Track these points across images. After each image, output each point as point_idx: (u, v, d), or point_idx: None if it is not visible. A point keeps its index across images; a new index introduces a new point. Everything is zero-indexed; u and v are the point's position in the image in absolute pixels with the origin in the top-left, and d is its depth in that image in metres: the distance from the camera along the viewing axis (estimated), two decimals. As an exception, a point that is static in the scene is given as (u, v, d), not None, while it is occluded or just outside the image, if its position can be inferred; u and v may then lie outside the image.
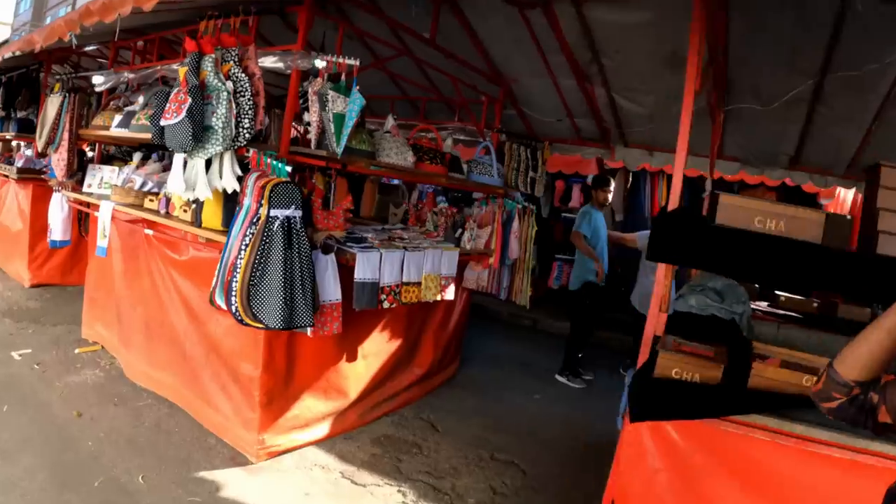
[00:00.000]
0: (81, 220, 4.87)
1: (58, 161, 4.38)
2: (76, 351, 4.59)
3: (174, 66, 3.62)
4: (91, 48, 6.04)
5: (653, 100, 4.85)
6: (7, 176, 6.18)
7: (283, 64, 3.07)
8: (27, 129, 6.00)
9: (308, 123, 3.26)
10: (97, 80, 4.48)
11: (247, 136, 2.88)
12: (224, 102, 2.75)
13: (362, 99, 3.08)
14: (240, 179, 2.92)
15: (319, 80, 3.12)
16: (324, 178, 5.86)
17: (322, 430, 3.65)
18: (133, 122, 3.78)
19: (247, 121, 2.87)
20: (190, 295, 3.60)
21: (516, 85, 5.32)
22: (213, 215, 3.13)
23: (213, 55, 2.85)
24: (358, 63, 3.14)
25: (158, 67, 4.02)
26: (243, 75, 2.90)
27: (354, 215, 5.24)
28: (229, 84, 2.81)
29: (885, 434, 1.04)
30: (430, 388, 4.72)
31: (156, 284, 3.86)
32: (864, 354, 1.01)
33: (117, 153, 5.31)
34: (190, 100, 2.66)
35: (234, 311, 2.75)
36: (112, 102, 4.43)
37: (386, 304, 3.45)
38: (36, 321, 5.19)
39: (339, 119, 3.09)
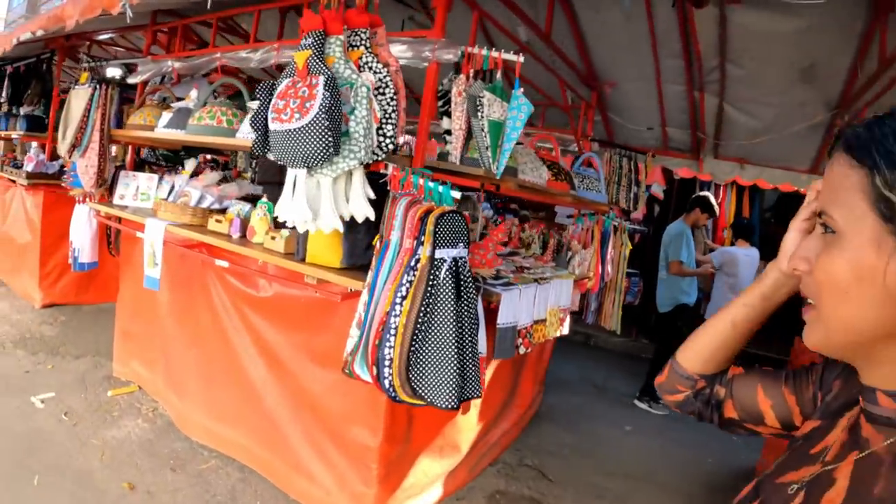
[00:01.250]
0: (111, 237, 4.03)
1: (86, 168, 3.54)
2: (109, 394, 3.77)
3: (272, 53, 2.82)
4: (105, 37, 5.17)
5: (772, 113, 4.29)
6: (13, 181, 5.28)
7: (416, 54, 2.31)
8: (37, 128, 5.10)
9: (447, 132, 2.51)
10: (138, 68, 3.65)
11: (389, 146, 2.12)
12: (364, 101, 1.98)
13: (530, 105, 2.35)
14: (372, 204, 2.16)
15: (462, 76, 2.37)
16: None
17: (435, 493, 2.93)
18: (192, 122, 2.98)
19: (390, 126, 2.10)
20: (274, 340, 2.82)
21: (613, 89, 4.61)
22: (326, 248, 2.34)
23: (342, 37, 2.07)
24: (521, 59, 2.39)
25: (218, 55, 3.21)
26: (380, 66, 2.13)
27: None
28: (367, 76, 2.04)
29: (731, 429, 0.96)
30: (523, 425, 4.05)
31: (221, 323, 3.07)
32: (707, 346, 0.94)
33: (149, 157, 4.48)
34: (321, 95, 1.88)
35: (386, 386, 1.99)
36: (148, 98, 3.61)
37: (522, 350, 2.72)
38: (54, 352, 4.34)
39: (496, 128, 2.35)
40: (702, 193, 5.51)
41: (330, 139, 1.87)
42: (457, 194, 2.12)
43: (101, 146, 3.50)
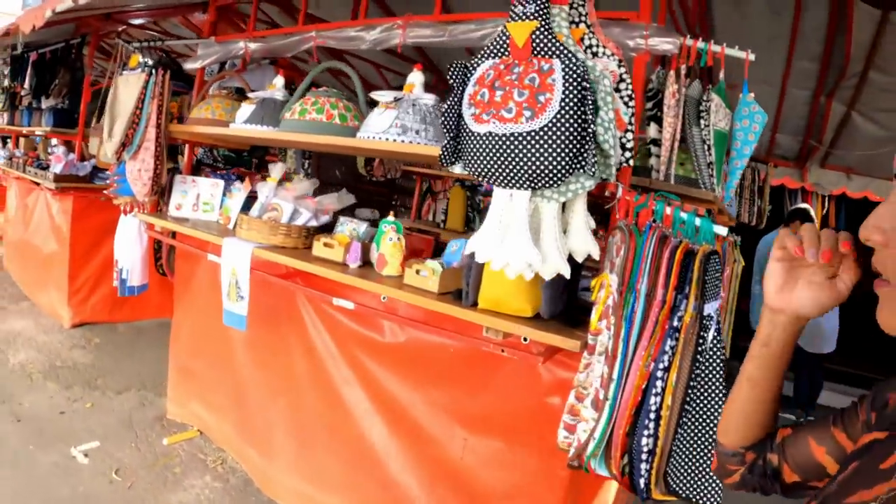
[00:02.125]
0: (161, 254, 3.35)
1: (138, 172, 2.87)
2: (165, 442, 3.10)
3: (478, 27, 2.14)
4: (139, 21, 4.47)
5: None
6: (37, 183, 4.59)
7: (622, 42, 1.66)
8: (65, 123, 4.40)
9: (652, 142, 1.86)
10: (199, 52, 2.98)
11: (628, 158, 1.48)
12: (607, 98, 1.33)
13: (764, 114, 1.76)
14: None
15: (672, 73, 1.74)
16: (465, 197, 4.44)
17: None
18: (288, 116, 2.31)
19: (630, 135, 1.47)
20: (403, 396, 2.17)
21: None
22: (513, 292, 1.65)
23: (566, 7, 1.42)
24: (753, 57, 1.76)
25: (312, 33, 2.54)
26: (608, 52, 1.49)
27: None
28: (605, 64, 1.40)
29: (797, 494, 0.84)
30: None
31: (323, 370, 2.42)
32: (737, 414, 0.86)
33: (205, 158, 3.81)
34: (562, 87, 1.24)
35: (641, 484, 1.36)
36: (215, 87, 2.95)
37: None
38: (92, 385, 3.67)
39: (722, 141, 1.74)
40: (802, 205, 4.92)
41: (578, 149, 1.22)
42: (722, 230, 1.48)
43: (158, 145, 2.82)
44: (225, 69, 3.27)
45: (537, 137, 1.28)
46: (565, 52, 1.32)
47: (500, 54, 1.42)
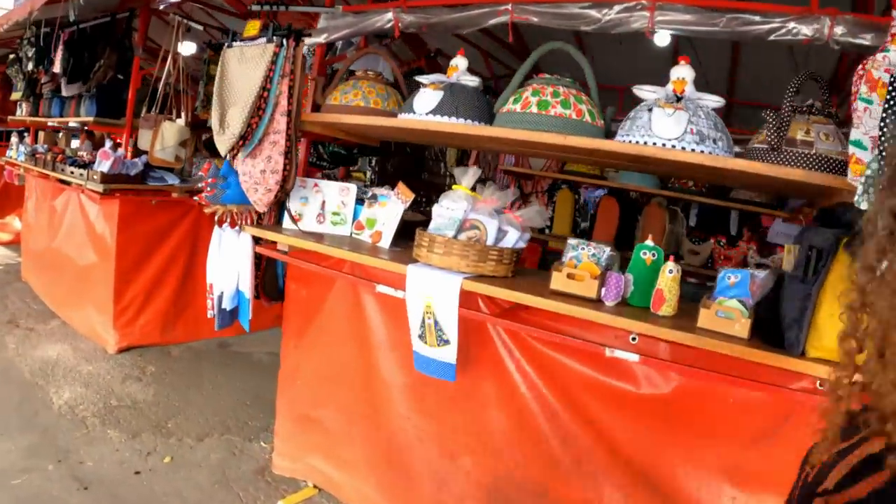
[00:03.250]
0: (264, 277, 2.64)
1: (261, 174, 2.17)
2: (280, 506, 2.45)
3: None
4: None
5: None
6: (66, 183, 3.82)
7: None
8: (111, 112, 3.63)
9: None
10: (321, 24, 2.29)
11: None
12: None
13: None
14: None
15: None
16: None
17: None
18: (513, 108, 1.67)
19: None
20: (656, 458, 1.59)
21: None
22: None
23: None
24: None
25: (508, 6, 1.89)
26: None
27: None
28: None
29: None
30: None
31: (531, 425, 1.80)
32: None
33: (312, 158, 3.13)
34: None
35: None
36: (362, 70, 2.27)
37: None
38: (162, 430, 2.97)
39: None
40: None
41: None
42: None
43: (288, 139, 2.14)
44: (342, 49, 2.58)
45: None
46: None
47: None
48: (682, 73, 1.62)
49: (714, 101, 1.61)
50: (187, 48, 3.87)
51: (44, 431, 2.83)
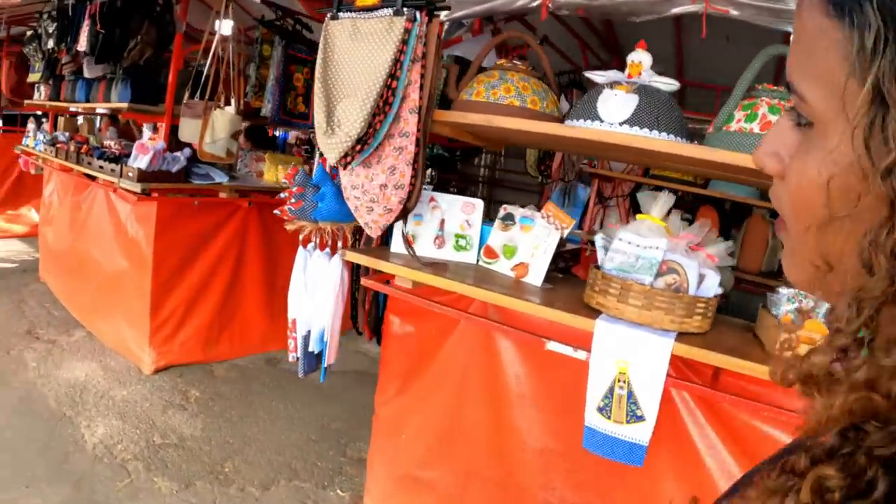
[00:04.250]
0: (363, 308, 2.10)
1: (380, 188, 1.62)
2: None
3: None
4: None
5: None
6: (91, 177, 3.26)
7: None
8: (148, 97, 3.06)
9: None
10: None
11: None
12: None
13: None
14: None
15: None
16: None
17: None
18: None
19: None
20: None
21: None
22: None
23: None
24: None
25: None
26: None
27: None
28: None
29: None
30: None
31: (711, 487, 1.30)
32: None
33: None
34: None
35: None
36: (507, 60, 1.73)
37: None
38: (218, 476, 2.46)
39: None
40: None
41: None
42: None
43: (417, 144, 1.60)
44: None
45: None
46: None
47: None
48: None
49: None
50: (225, 27, 3.30)
51: (78, 482, 2.32)
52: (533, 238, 1.69)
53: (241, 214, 3.25)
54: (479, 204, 1.84)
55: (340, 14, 1.68)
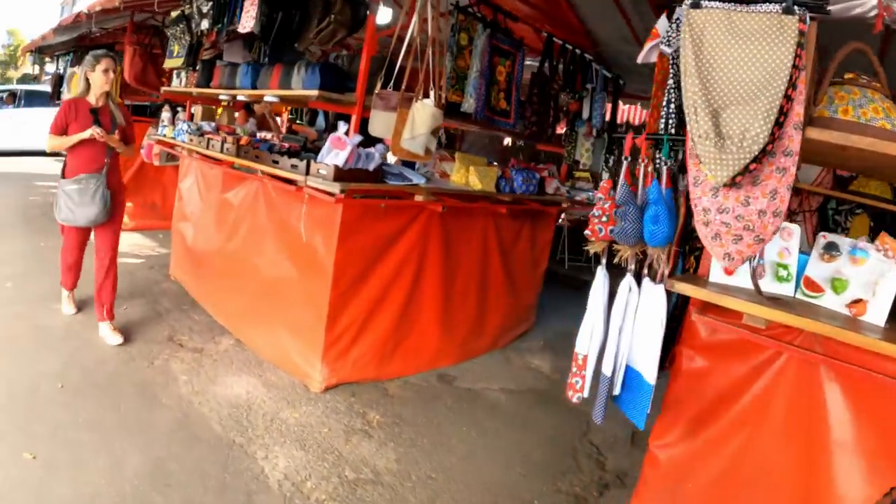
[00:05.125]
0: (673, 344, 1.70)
1: (757, 218, 1.22)
2: None
3: None
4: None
5: None
6: (247, 171, 2.91)
7: None
8: (336, 85, 2.66)
9: None
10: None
11: None
12: None
13: None
14: None
15: None
16: None
17: None
18: None
19: None
20: None
21: None
22: None
23: None
24: None
25: None
26: None
27: None
28: None
29: None
30: None
31: None
32: None
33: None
34: None
35: None
36: None
37: None
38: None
39: None
40: None
41: None
42: None
43: (796, 163, 1.20)
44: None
45: None
46: None
47: None
48: None
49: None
50: (382, 15, 2.90)
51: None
52: (867, 272, 1.31)
53: (425, 219, 2.87)
54: (796, 230, 1.46)
55: (710, 3, 1.28)
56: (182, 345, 3.21)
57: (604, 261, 1.77)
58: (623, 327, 1.61)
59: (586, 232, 1.71)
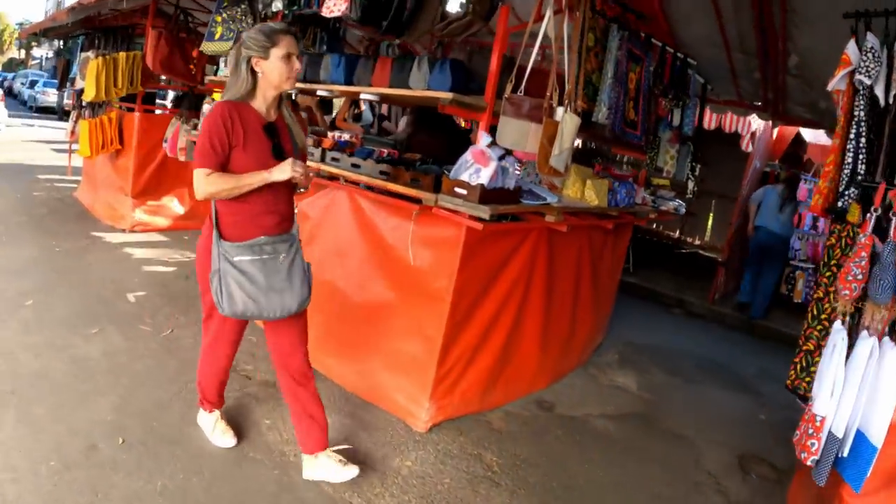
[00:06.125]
0: None
1: None
2: None
3: None
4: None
5: None
6: (329, 178, 2.49)
7: None
8: (465, 85, 2.23)
9: None
10: None
11: None
12: None
13: None
14: None
15: None
16: None
17: None
18: None
19: None
20: None
21: None
22: None
23: None
24: None
25: None
26: None
27: None
28: None
29: None
30: None
31: None
32: None
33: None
34: None
35: None
36: None
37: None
38: None
39: None
40: None
41: None
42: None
43: None
44: None
45: None
46: None
47: None
48: None
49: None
50: (452, 4, 2.53)
51: None
52: None
53: (535, 237, 2.55)
54: None
55: None
56: (249, 377, 2.78)
57: (848, 320, 1.54)
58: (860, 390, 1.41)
59: (844, 291, 1.46)
